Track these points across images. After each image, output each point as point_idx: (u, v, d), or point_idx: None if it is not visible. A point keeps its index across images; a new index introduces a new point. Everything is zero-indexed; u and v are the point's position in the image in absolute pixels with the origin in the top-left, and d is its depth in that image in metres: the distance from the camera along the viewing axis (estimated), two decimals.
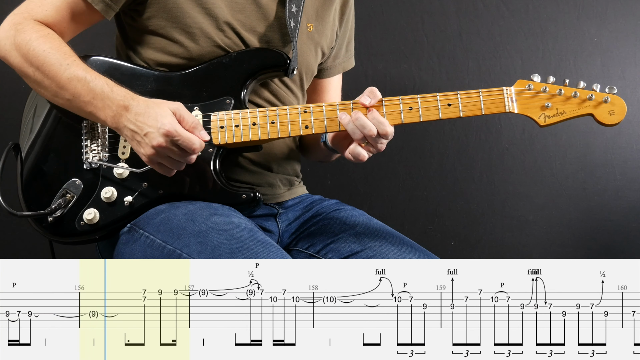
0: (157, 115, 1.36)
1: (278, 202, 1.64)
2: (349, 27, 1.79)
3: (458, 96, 1.42)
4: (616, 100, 1.41)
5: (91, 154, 1.48)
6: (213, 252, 1.29)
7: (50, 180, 1.48)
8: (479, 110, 1.42)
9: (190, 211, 1.40)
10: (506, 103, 1.42)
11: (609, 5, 2.42)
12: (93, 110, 1.41)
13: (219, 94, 1.49)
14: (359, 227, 1.56)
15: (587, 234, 2.46)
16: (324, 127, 1.45)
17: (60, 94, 1.43)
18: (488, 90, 1.42)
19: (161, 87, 1.50)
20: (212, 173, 1.46)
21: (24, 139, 1.54)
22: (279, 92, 1.61)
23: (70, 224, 1.45)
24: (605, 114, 1.41)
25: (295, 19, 1.55)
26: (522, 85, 1.43)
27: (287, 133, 1.46)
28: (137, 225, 1.43)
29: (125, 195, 1.45)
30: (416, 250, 1.51)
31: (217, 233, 1.32)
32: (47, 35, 1.46)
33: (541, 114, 1.42)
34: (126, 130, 1.39)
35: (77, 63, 1.43)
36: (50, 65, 1.42)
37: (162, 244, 1.36)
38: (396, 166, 2.43)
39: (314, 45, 1.66)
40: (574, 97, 1.41)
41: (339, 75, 1.84)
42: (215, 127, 1.46)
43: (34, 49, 1.43)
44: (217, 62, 1.51)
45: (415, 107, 1.43)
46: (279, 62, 1.52)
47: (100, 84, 1.40)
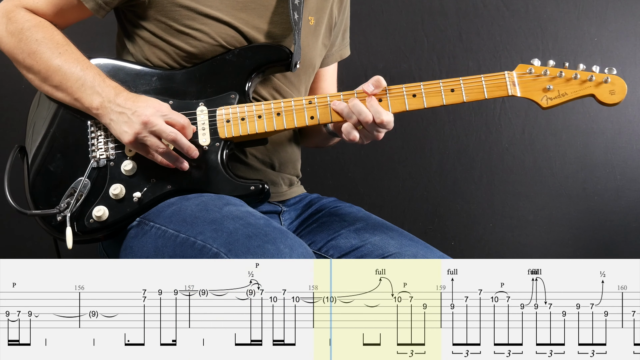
0: (147, 99, 1.42)
1: (280, 200, 1.65)
2: (345, 16, 1.80)
3: (460, 82, 1.44)
4: (616, 80, 1.42)
5: (98, 152, 1.48)
6: (230, 238, 1.27)
7: (58, 179, 1.48)
8: (482, 94, 1.43)
9: (202, 202, 1.40)
10: (508, 86, 1.43)
11: (609, 5, 2.42)
12: (81, 97, 1.43)
13: (223, 90, 1.50)
14: (358, 223, 1.57)
15: (587, 234, 2.46)
16: (330, 117, 1.46)
17: (49, 80, 1.46)
18: (490, 75, 1.44)
19: (165, 84, 1.51)
20: (220, 166, 1.46)
21: (29, 141, 1.54)
22: (282, 87, 1.61)
23: (79, 222, 1.45)
24: (606, 94, 1.42)
25: (299, 11, 1.56)
26: (523, 69, 1.44)
27: (293, 124, 1.47)
28: (146, 218, 1.43)
29: (133, 191, 1.46)
30: (416, 243, 1.52)
31: (232, 220, 1.32)
32: (40, 23, 1.48)
33: (543, 96, 1.44)
34: (113, 114, 1.41)
35: (69, 52, 1.46)
36: (41, 54, 1.45)
37: (175, 233, 1.35)
38: (396, 166, 2.44)
39: (316, 38, 1.67)
40: (575, 78, 1.42)
41: (335, 65, 1.85)
42: (222, 121, 1.47)
43: (26, 37, 1.46)
44: (220, 59, 1.52)
45: (419, 94, 1.44)
46: (282, 56, 1.53)
47: (92, 73, 1.44)
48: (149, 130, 1.39)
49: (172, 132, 1.39)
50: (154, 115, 1.39)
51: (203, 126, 1.47)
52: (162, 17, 1.52)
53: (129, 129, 1.40)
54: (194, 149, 1.43)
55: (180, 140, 1.40)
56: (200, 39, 1.51)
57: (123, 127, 1.40)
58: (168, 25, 1.52)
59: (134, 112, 1.39)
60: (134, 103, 1.40)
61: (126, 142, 1.41)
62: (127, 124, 1.40)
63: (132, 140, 1.40)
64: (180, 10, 1.51)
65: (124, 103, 1.41)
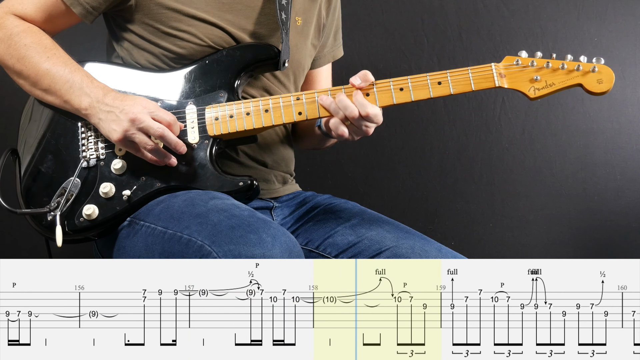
0: (135, 97, 1.44)
1: (273, 196, 1.66)
2: (336, 16, 1.81)
3: (447, 74, 1.44)
4: (603, 69, 1.42)
5: (88, 152, 1.49)
6: (213, 229, 1.28)
7: (50, 180, 1.49)
8: (469, 86, 1.44)
9: (189, 197, 1.41)
10: (495, 78, 1.44)
11: (609, 5, 2.42)
12: (70, 99, 1.44)
13: (212, 89, 1.51)
14: (354, 219, 1.58)
15: (587, 234, 2.46)
16: (317, 112, 1.47)
17: (38, 84, 1.47)
18: (476, 67, 1.44)
19: (154, 85, 1.52)
20: (208, 163, 1.47)
21: (21, 144, 1.56)
22: (271, 87, 1.62)
23: (69, 221, 1.46)
24: (593, 83, 1.42)
25: (286, 11, 1.57)
26: (510, 61, 1.45)
27: (281, 120, 1.48)
28: (137, 217, 1.44)
29: (123, 189, 1.46)
30: (412, 235, 1.53)
31: (217, 213, 1.32)
32: (28, 29, 1.50)
33: (530, 87, 1.44)
34: (101, 114, 1.42)
35: (57, 56, 1.47)
36: (30, 58, 1.46)
37: (163, 230, 1.36)
38: (396, 166, 2.44)
39: (305, 39, 1.68)
40: (562, 68, 1.43)
41: (329, 65, 1.85)
42: (210, 119, 1.48)
43: (15, 43, 1.47)
44: (209, 59, 1.53)
45: (406, 87, 1.45)
46: (270, 55, 1.54)
47: (80, 75, 1.45)
48: (137, 128, 1.40)
49: (160, 128, 1.40)
50: (141, 112, 1.40)
51: (192, 124, 1.48)
52: (149, 20, 1.53)
53: (117, 127, 1.41)
54: (182, 144, 1.44)
55: (168, 136, 1.41)
56: (188, 40, 1.52)
57: (112, 126, 1.41)
58: (155, 28, 1.53)
59: (121, 110, 1.40)
60: (121, 102, 1.41)
61: (115, 140, 1.42)
62: (115, 122, 1.41)
63: (120, 138, 1.41)
64: (166, 12, 1.52)
65: (112, 102, 1.42)
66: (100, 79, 1.48)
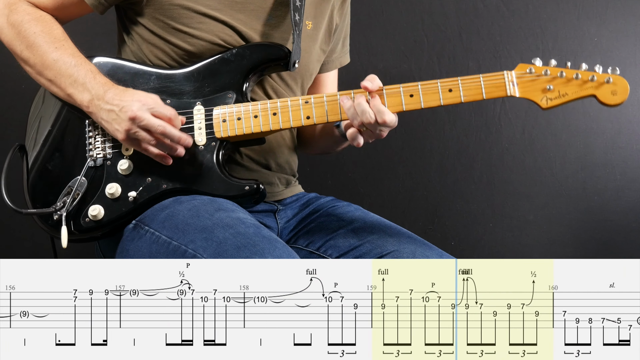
0: (134, 93, 1.42)
1: (277, 199, 1.65)
2: (346, 23, 1.80)
3: (459, 81, 1.41)
4: (618, 81, 1.38)
5: (95, 151, 1.49)
6: (219, 248, 1.28)
7: (56, 178, 1.49)
8: (480, 94, 1.41)
9: (194, 206, 1.40)
10: (507, 87, 1.40)
11: (609, 5, 2.42)
12: (73, 93, 1.44)
13: (221, 89, 1.50)
14: (356, 222, 1.58)
15: (587, 234, 2.46)
16: (325, 117, 1.45)
17: (44, 74, 1.47)
18: (489, 75, 1.41)
19: (164, 84, 1.51)
20: (215, 166, 1.46)
21: (29, 140, 1.55)
22: (278, 89, 1.61)
23: (75, 221, 1.45)
24: (607, 95, 1.38)
25: (300, 13, 1.56)
26: (523, 69, 1.41)
27: (289, 124, 1.46)
28: (142, 222, 1.44)
29: (129, 190, 1.46)
30: (414, 240, 1.52)
31: (222, 229, 1.32)
32: (40, 17, 1.50)
33: (543, 96, 1.40)
34: (102, 113, 1.42)
35: (65, 47, 1.47)
36: (38, 47, 1.46)
37: (168, 240, 1.36)
38: (396, 166, 2.44)
39: (314, 43, 1.67)
40: (576, 78, 1.39)
41: (335, 71, 1.84)
42: (218, 121, 1.47)
43: (25, 30, 1.48)
44: (218, 58, 1.52)
45: (416, 93, 1.43)
46: (280, 55, 1.52)
47: (84, 70, 1.44)
48: (138, 126, 1.39)
49: (160, 126, 1.39)
50: (140, 109, 1.39)
51: (199, 125, 1.48)
52: (160, 15, 1.52)
53: (119, 127, 1.40)
54: (186, 137, 1.42)
55: (170, 132, 1.40)
56: (198, 37, 1.51)
57: (114, 126, 1.41)
58: (166, 24, 1.52)
59: (121, 108, 1.40)
60: (120, 99, 1.41)
61: (121, 140, 1.43)
62: (116, 121, 1.41)
63: (124, 137, 1.41)
64: (177, 9, 1.51)
65: (111, 100, 1.41)
66: (107, 74, 1.47)
